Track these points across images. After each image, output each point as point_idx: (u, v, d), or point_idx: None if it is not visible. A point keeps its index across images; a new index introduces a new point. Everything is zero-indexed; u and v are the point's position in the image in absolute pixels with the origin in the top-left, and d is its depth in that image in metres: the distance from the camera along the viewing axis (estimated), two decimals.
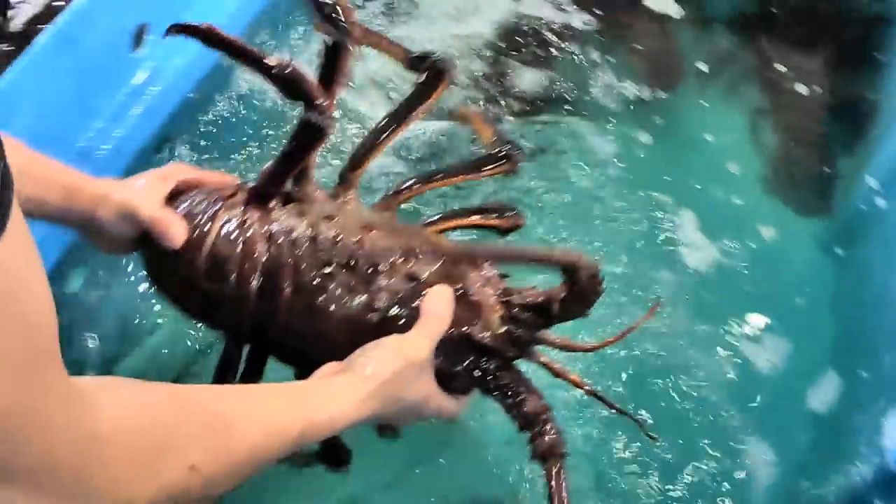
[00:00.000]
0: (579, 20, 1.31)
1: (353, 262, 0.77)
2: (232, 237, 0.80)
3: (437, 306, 0.76)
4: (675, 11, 1.35)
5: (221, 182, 0.86)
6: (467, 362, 0.77)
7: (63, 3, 1.31)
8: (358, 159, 0.86)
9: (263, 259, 0.78)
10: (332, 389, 0.71)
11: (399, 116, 0.87)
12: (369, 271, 0.77)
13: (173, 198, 0.83)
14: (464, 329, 0.76)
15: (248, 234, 0.79)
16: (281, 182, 0.82)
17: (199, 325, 0.91)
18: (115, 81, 1.09)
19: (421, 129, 1.17)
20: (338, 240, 0.79)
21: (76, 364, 0.96)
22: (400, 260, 0.78)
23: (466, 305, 0.77)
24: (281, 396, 0.68)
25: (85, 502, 0.52)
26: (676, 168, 1.15)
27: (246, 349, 0.84)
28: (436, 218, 0.89)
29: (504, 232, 0.92)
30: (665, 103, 1.23)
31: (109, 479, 0.52)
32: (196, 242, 0.79)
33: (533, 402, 0.77)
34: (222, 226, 0.80)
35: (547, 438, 0.74)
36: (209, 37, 0.80)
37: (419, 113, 0.87)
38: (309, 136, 0.79)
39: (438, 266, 0.79)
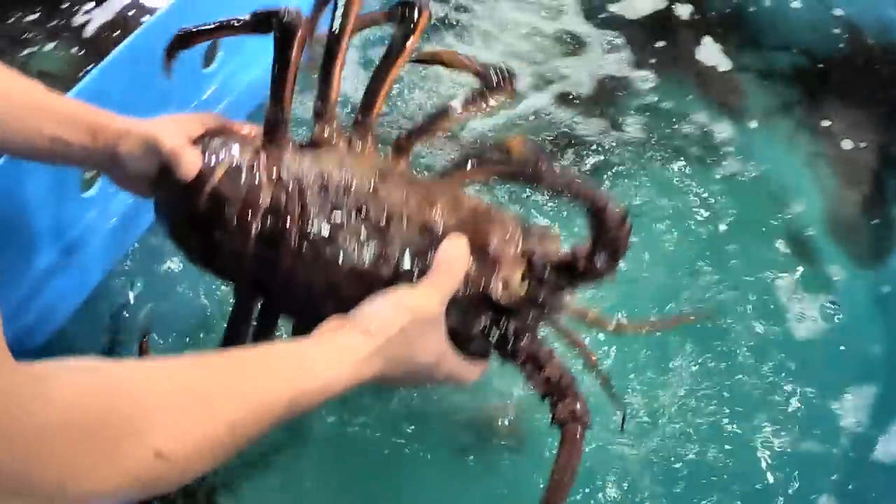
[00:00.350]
0: (638, 77, 1.33)
1: (364, 211, 0.73)
2: (236, 177, 0.76)
3: (451, 258, 0.70)
4: (727, 65, 1.36)
5: (252, 132, 0.85)
6: (484, 323, 0.72)
7: (133, 11, 1.35)
8: (368, 103, 0.83)
9: (267, 203, 0.75)
10: (329, 350, 0.64)
11: (391, 57, 0.83)
12: (381, 221, 0.73)
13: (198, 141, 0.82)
14: (481, 286, 0.71)
15: (253, 176, 0.76)
16: (282, 102, 0.80)
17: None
18: (185, 95, 1.12)
19: None
20: (350, 187, 0.74)
21: None
22: (415, 210, 0.73)
23: (485, 261, 0.72)
24: (268, 362, 0.62)
25: (40, 501, 0.48)
26: (735, 212, 1.16)
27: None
28: (454, 166, 0.84)
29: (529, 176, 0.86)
30: (722, 153, 1.24)
31: (64, 473, 0.48)
32: (201, 181, 0.77)
33: (556, 368, 0.72)
34: (229, 166, 0.77)
35: (571, 405, 0.70)
36: (187, 38, 0.86)
37: (409, 50, 0.83)
38: (283, 36, 0.78)
39: (457, 218, 0.74)
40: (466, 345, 0.73)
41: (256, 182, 0.76)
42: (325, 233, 0.73)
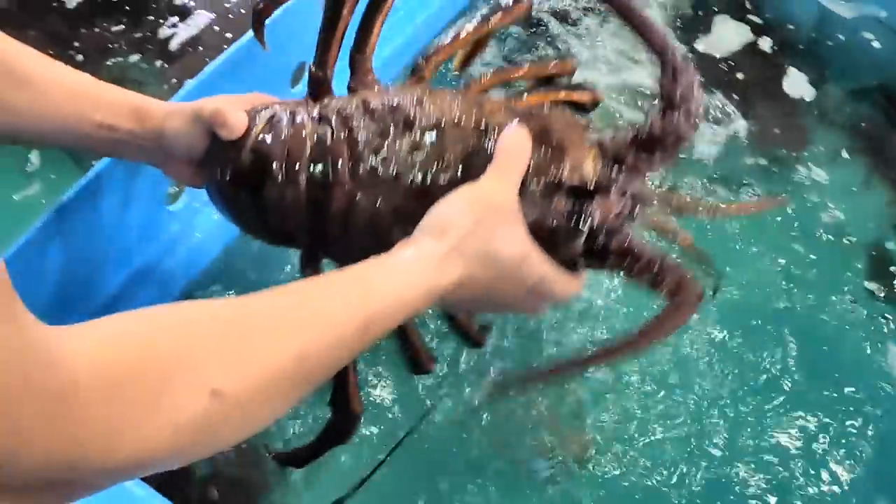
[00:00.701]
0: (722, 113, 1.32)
1: (413, 122, 0.69)
2: (277, 125, 0.74)
3: (512, 144, 0.64)
4: (811, 94, 1.35)
5: None
6: (564, 216, 0.66)
7: (217, 27, 1.37)
8: (433, 50, 0.80)
9: (312, 143, 0.71)
10: (400, 263, 0.58)
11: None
12: (433, 129, 0.69)
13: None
14: (551, 171, 0.66)
15: (295, 121, 0.73)
16: (328, 60, 0.77)
17: None
18: None
19: None
20: (395, 106, 0.71)
21: None
22: (467, 113, 0.69)
23: (551, 148, 0.67)
24: (333, 287, 0.56)
25: (79, 471, 0.41)
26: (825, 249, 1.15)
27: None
28: (506, 95, 0.81)
29: (586, 109, 0.83)
30: (807, 191, 1.23)
31: (103, 435, 0.41)
32: (243, 138, 0.74)
33: (653, 252, 0.66)
34: (270, 117, 0.75)
35: (680, 276, 0.64)
36: (265, 8, 0.85)
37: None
38: None
39: (514, 114, 0.69)
40: (552, 249, 0.66)
41: (298, 126, 0.73)
42: (376, 155, 0.69)
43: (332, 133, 0.71)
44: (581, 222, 0.65)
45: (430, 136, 0.68)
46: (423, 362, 0.81)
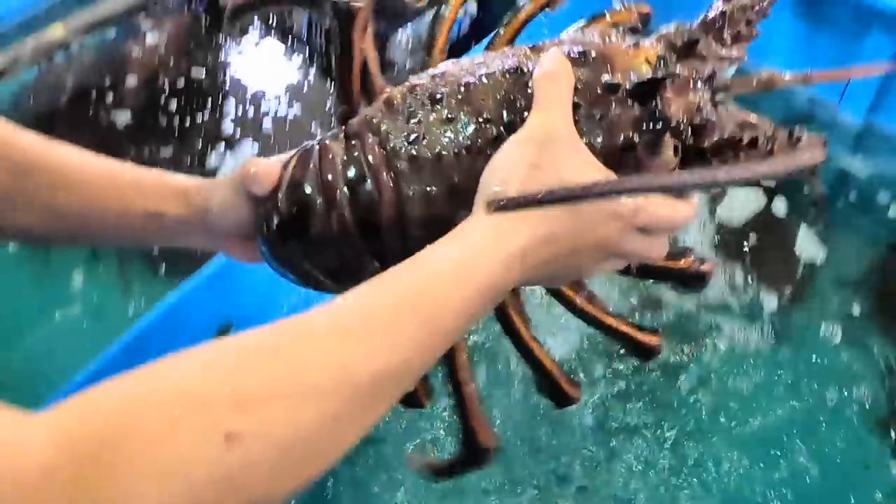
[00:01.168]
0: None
1: (439, 94, 0.64)
2: (308, 161, 0.68)
3: (550, 68, 0.58)
4: (823, 255, 1.39)
5: None
6: (634, 125, 0.59)
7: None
8: (433, 38, 0.75)
9: (343, 160, 0.65)
10: (462, 236, 0.51)
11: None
12: (460, 95, 0.63)
13: None
14: (602, 83, 0.60)
15: (324, 150, 0.68)
16: (351, 96, 0.72)
17: None
18: None
19: None
20: (414, 86, 0.66)
21: None
22: (493, 64, 0.64)
23: (595, 59, 0.61)
24: (378, 284, 0.47)
25: None
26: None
27: None
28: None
29: (635, 27, 0.73)
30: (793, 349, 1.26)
31: None
32: (277, 187, 0.69)
33: (758, 129, 0.59)
34: (299, 158, 0.69)
35: (794, 131, 0.57)
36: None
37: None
38: (341, 22, 0.68)
39: (543, 50, 0.64)
40: (639, 171, 0.60)
41: (328, 153, 0.67)
42: (410, 141, 0.63)
43: (361, 143, 0.66)
44: (657, 125, 0.59)
45: (461, 99, 0.63)
46: (564, 390, 0.71)
